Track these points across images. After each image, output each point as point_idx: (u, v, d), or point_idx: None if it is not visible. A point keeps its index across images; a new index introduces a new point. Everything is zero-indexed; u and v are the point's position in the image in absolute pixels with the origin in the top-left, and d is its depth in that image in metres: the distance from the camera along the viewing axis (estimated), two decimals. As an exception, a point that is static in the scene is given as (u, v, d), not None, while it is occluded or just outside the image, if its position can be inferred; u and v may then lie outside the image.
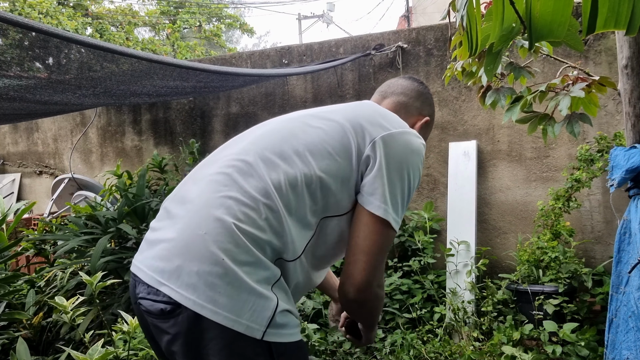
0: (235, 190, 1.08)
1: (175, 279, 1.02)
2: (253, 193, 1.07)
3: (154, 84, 3.36)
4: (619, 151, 2.12)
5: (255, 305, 1.01)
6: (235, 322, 0.99)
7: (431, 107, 1.41)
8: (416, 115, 1.37)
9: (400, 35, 4.17)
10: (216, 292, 0.99)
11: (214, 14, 14.81)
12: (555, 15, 0.90)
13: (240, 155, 1.15)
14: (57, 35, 2.07)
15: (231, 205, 1.06)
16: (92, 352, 1.80)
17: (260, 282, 1.02)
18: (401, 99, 1.38)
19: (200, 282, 1.00)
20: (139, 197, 3.23)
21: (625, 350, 1.99)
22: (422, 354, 2.90)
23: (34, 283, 3.11)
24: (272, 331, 1.02)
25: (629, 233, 2.06)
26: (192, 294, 1.00)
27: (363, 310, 1.21)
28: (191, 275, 1.01)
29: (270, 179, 1.08)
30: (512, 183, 3.77)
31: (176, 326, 1.02)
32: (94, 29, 12.02)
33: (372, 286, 1.12)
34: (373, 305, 1.19)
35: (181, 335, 1.02)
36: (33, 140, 5.83)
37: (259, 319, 1.01)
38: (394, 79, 1.45)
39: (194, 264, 1.01)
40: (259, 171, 1.10)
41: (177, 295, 1.01)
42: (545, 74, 3.52)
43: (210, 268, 1.00)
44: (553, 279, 3.08)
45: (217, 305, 0.99)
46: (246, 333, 0.99)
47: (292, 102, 4.53)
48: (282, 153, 1.13)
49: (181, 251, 1.04)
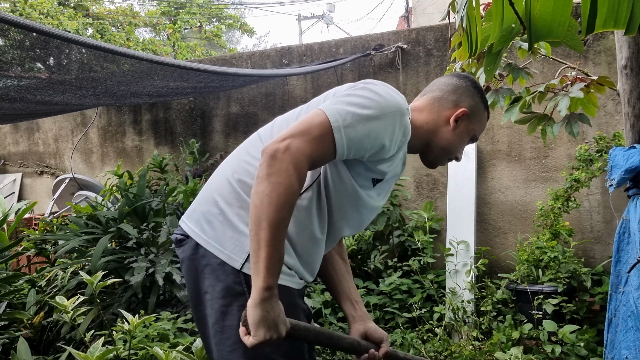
0: (243, 154, 1.33)
1: (188, 217, 1.34)
2: (254, 154, 1.29)
3: (154, 84, 3.37)
4: (618, 151, 2.12)
5: (238, 241, 1.22)
6: (220, 251, 1.23)
7: (472, 98, 1.40)
8: (451, 107, 1.38)
9: (400, 36, 4.17)
10: (211, 227, 1.26)
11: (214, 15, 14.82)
12: (554, 15, 0.91)
13: (257, 132, 1.39)
14: (58, 36, 2.08)
15: (238, 164, 1.31)
16: (93, 351, 1.80)
17: (246, 223, 1.21)
18: (435, 94, 1.41)
19: (202, 219, 1.29)
20: (140, 197, 3.23)
21: (625, 349, 2.00)
22: (422, 353, 2.91)
23: (35, 283, 3.11)
24: (250, 265, 1.12)
25: (628, 233, 2.07)
26: (195, 226, 1.29)
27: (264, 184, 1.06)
28: (197, 214, 1.31)
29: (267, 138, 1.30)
30: (512, 183, 3.77)
31: (184, 252, 1.31)
32: (94, 30, 12.02)
33: (286, 147, 1.07)
34: (273, 183, 1.05)
35: (186, 260, 1.30)
36: (34, 140, 5.84)
37: (239, 252, 1.22)
38: (439, 78, 1.48)
39: (201, 206, 1.32)
40: (261, 135, 1.34)
41: (186, 227, 1.32)
42: (544, 75, 3.52)
43: (210, 208, 1.28)
44: (552, 279, 3.09)
45: (209, 236, 1.26)
46: (228, 262, 1.22)
47: (292, 102, 4.54)
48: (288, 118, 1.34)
49: (197, 199, 1.36)
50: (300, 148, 1.08)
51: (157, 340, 2.31)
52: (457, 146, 1.42)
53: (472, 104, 1.40)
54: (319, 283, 3.46)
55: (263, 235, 1.05)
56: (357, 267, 3.73)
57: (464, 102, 1.39)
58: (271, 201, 1.05)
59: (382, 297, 3.42)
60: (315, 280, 2.48)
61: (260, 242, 1.06)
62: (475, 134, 1.44)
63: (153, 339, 2.31)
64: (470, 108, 1.39)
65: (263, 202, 1.06)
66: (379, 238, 3.92)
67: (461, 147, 1.43)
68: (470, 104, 1.39)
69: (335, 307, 3.39)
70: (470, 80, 1.43)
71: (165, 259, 2.84)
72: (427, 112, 1.38)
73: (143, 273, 2.72)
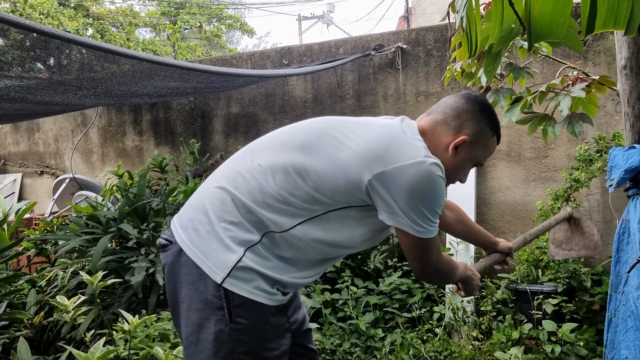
0: (242, 166, 1.31)
1: (178, 219, 1.34)
2: (252, 170, 1.29)
3: (154, 84, 3.37)
4: (617, 151, 2.12)
5: (221, 254, 1.22)
6: (202, 261, 1.23)
7: (478, 124, 1.35)
8: (452, 134, 1.34)
9: (399, 36, 4.17)
10: (197, 235, 1.26)
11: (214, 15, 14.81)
12: (554, 15, 0.91)
13: (261, 141, 1.39)
14: (58, 36, 2.08)
15: (234, 179, 1.30)
16: (93, 350, 1.80)
17: (233, 238, 1.23)
18: (438, 117, 1.37)
19: (189, 225, 1.29)
20: (140, 197, 3.23)
21: (624, 349, 2.00)
22: (422, 354, 2.91)
23: (35, 283, 3.11)
24: (232, 281, 1.21)
25: (627, 233, 2.07)
26: (182, 232, 1.29)
27: (434, 281, 1.72)
28: (186, 219, 1.31)
29: (273, 161, 1.28)
30: (512, 183, 3.78)
31: (166, 258, 1.32)
32: (94, 30, 12.02)
33: (427, 273, 1.37)
34: (438, 277, 1.50)
35: (167, 265, 1.32)
36: (34, 140, 5.84)
37: (222, 266, 1.22)
38: (448, 97, 1.42)
39: (191, 212, 1.32)
40: (265, 153, 1.31)
41: (174, 230, 1.32)
42: (544, 75, 3.53)
43: (199, 216, 1.28)
44: (552, 279, 3.09)
45: (194, 245, 1.25)
46: (209, 274, 1.22)
47: (292, 102, 4.54)
48: (299, 145, 1.29)
49: (189, 204, 1.36)
50: (433, 265, 1.35)
51: (157, 340, 2.31)
52: (457, 172, 1.40)
53: (476, 131, 1.35)
54: (319, 283, 3.46)
55: (454, 282, 1.57)
56: (357, 267, 3.73)
57: (466, 128, 1.34)
58: (446, 282, 1.65)
59: (382, 297, 3.42)
60: (315, 281, 2.48)
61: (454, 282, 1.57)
62: (479, 160, 1.41)
63: (154, 338, 2.31)
64: (472, 135, 1.35)
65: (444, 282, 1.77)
66: (379, 238, 3.92)
67: (462, 172, 1.42)
68: (474, 131, 1.35)
69: (335, 307, 3.39)
70: (479, 103, 1.38)
71: (166, 259, 2.84)
72: (429, 137, 1.34)
73: (143, 273, 2.72)
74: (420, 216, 1.23)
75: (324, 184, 1.23)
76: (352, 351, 2.99)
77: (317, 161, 1.24)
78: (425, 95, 4.05)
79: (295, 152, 1.27)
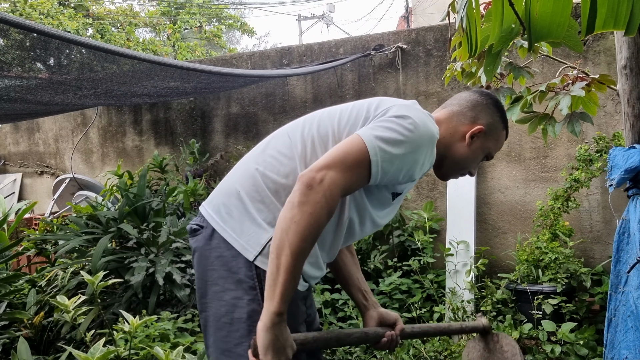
0: (270, 148, 1.33)
1: (209, 203, 1.35)
2: (282, 150, 1.31)
3: (154, 84, 3.37)
4: (617, 151, 2.12)
5: (254, 233, 1.23)
6: (235, 240, 1.24)
7: (492, 117, 1.42)
8: (468, 123, 1.40)
9: (399, 36, 4.17)
10: (230, 215, 1.27)
11: (214, 15, 14.82)
12: (554, 16, 0.91)
13: (284, 127, 1.39)
14: (58, 36, 2.08)
15: (263, 158, 1.31)
16: (93, 351, 1.80)
17: (265, 219, 1.24)
18: (455, 108, 1.43)
19: (222, 207, 1.30)
20: (140, 197, 3.23)
21: (624, 349, 2.00)
22: (422, 354, 2.91)
23: (35, 283, 3.11)
24: (264, 259, 1.21)
25: (627, 233, 2.07)
26: (214, 213, 1.30)
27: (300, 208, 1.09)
28: (218, 202, 1.32)
29: (299, 135, 1.31)
30: (512, 183, 3.78)
31: (197, 242, 1.32)
32: (94, 30, 12.02)
33: (311, 183, 1.11)
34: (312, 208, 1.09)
35: (198, 250, 1.31)
36: (34, 140, 5.84)
37: (254, 244, 1.23)
38: (462, 92, 1.49)
39: (222, 196, 1.32)
40: (290, 134, 1.33)
41: (205, 213, 1.32)
42: (544, 74, 3.53)
43: (231, 199, 1.29)
44: (552, 279, 3.09)
45: (227, 225, 1.26)
46: (242, 252, 1.23)
47: (292, 102, 4.54)
48: (317, 118, 1.34)
49: (218, 189, 1.37)
50: (336, 180, 1.12)
51: (157, 340, 2.31)
52: (471, 162, 1.44)
53: (490, 122, 1.42)
54: (319, 283, 3.46)
55: (284, 261, 1.09)
56: (357, 267, 3.73)
57: (481, 119, 1.41)
58: (298, 230, 1.09)
59: (382, 297, 3.42)
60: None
61: (280, 267, 1.09)
62: (491, 152, 1.46)
63: (154, 338, 2.31)
64: (487, 126, 1.41)
65: (290, 229, 1.09)
66: (379, 238, 3.92)
67: (475, 163, 1.45)
68: (488, 122, 1.41)
69: (335, 307, 3.39)
70: (491, 98, 1.46)
71: (166, 259, 2.85)
72: (445, 126, 1.39)
73: (143, 273, 2.72)
74: (384, 123, 1.22)
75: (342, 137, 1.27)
76: (352, 351, 3.00)
77: (334, 123, 1.31)
78: (425, 95, 4.05)
79: (316, 123, 1.33)
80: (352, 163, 1.16)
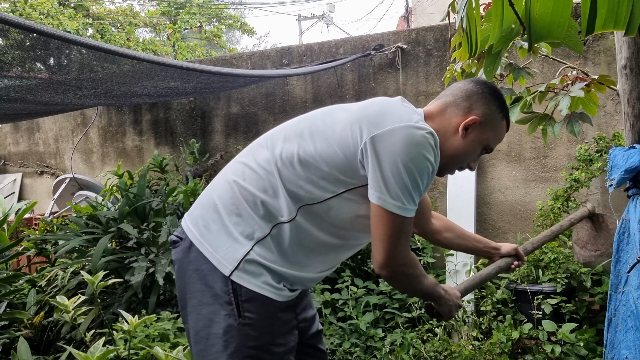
0: (249, 159, 1.32)
1: (189, 215, 1.37)
2: (258, 159, 1.30)
3: (154, 84, 3.37)
4: (617, 151, 2.12)
5: (230, 247, 1.24)
6: (211, 254, 1.25)
7: (488, 106, 1.34)
8: (462, 114, 1.33)
9: (399, 36, 4.17)
10: (207, 230, 1.28)
11: (214, 15, 14.82)
12: (554, 16, 0.91)
13: (267, 135, 1.39)
14: (58, 36, 2.08)
15: (242, 169, 1.31)
16: (93, 350, 1.80)
17: (242, 233, 1.25)
18: (448, 99, 1.37)
19: (200, 221, 1.31)
20: (140, 197, 3.23)
21: (624, 349, 2.00)
22: (422, 354, 2.91)
23: (35, 283, 3.11)
24: (240, 274, 1.23)
25: (627, 233, 2.07)
26: (193, 227, 1.31)
27: (394, 284, 1.38)
28: (196, 215, 1.33)
29: (278, 151, 1.29)
30: (512, 183, 3.78)
31: (176, 254, 1.34)
32: (94, 30, 12.02)
33: (391, 265, 1.25)
34: (402, 280, 1.33)
35: (177, 262, 1.33)
36: (34, 140, 5.84)
37: (230, 258, 1.23)
38: (457, 82, 1.43)
39: (201, 208, 1.34)
40: (270, 145, 1.31)
41: (185, 225, 1.34)
42: (544, 75, 3.53)
43: (208, 211, 1.31)
44: (552, 279, 3.09)
45: (204, 239, 1.27)
46: (218, 267, 1.24)
47: (292, 102, 4.54)
48: (299, 133, 1.30)
49: (199, 200, 1.38)
50: (400, 256, 1.26)
51: (157, 340, 2.31)
52: (467, 155, 1.37)
53: (486, 112, 1.33)
54: (319, 283, 3.46)
55: (419, 293, 1.45)
56: (357, 267, 3.73)
57: (476, 109, 1.33)
58: (409, 288, 1.45)
59: (382, 297, 3.42)
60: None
61: (419, 293, 1.45)
62: (490, 144, 1.38)
63: (154, 338, 2.31)
64: (483, 116, 1.33)
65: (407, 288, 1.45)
66: (379, 238, 3.92)
67: (472, 156, 1.38)
68: (484, 112, 1.33)
69: (335, 307, 3.39)
70: (488, 86, 1.37)
71: (166, 259, 2.84)
72: (438, 119, 1.33)
73: (143, 273, 2.72)
74: (401, 186, 1.18)
75: (326, 163, 1.24)
76: (352, 351, 3.00)
77: (316, 144, 1.25)
78: (425, 95, 4.05)
79: (297, 140, 1.28)
80: (395, 232, 1.22)
